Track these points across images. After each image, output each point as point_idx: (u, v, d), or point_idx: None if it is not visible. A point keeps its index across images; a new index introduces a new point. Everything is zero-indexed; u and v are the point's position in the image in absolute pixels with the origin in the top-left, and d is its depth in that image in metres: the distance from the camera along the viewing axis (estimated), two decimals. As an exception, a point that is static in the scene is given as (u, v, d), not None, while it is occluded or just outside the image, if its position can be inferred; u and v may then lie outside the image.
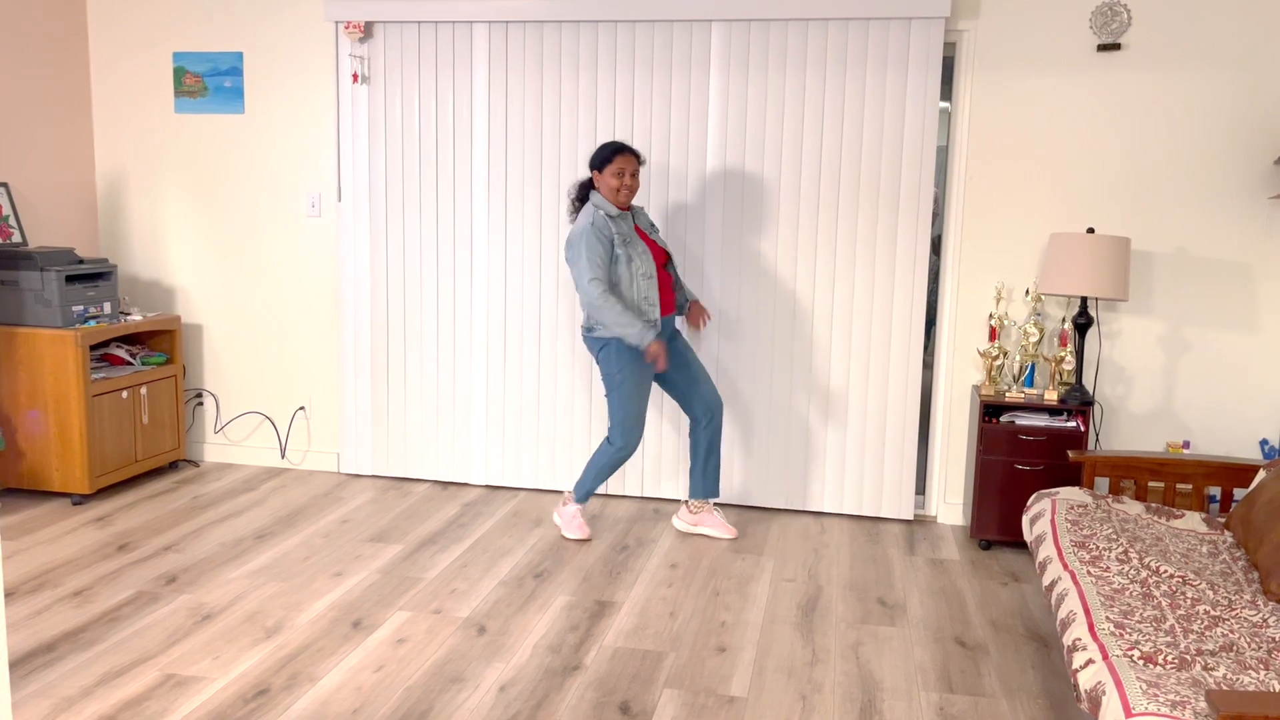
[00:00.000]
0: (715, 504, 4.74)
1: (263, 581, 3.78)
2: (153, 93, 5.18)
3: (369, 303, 5.03)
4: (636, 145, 4.67)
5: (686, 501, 4.42)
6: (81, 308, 4.67)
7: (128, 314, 5.01)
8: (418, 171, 4.90)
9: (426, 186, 4.90)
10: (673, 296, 4.20)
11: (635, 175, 4.05)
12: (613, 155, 4.02)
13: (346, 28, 4.79)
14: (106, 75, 5.22)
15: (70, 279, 4.61)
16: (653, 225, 4.26)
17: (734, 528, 4.40)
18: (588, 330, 4.15)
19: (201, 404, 5.37)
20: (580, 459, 4.92)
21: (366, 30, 4.82)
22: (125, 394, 4.78)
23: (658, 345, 3.99)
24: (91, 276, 4.75)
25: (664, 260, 4.17)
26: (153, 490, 4.87)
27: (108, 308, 4.82)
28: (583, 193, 4.15)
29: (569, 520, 4.31)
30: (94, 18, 5.19)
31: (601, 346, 4.11)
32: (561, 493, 4.97)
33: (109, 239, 5.35)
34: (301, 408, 5.25)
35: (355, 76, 4.87)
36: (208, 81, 5.10)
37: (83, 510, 4.56)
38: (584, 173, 4.73)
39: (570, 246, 4.03)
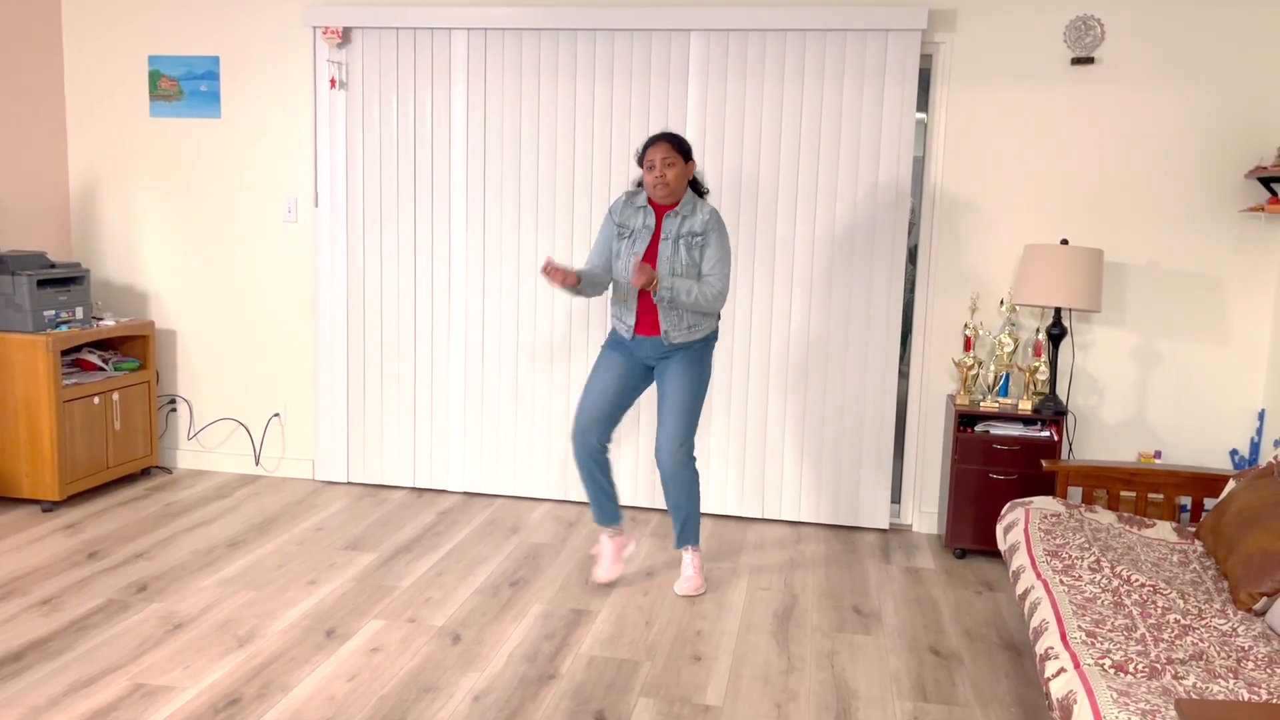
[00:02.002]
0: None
1: (235, 590, 3.75)
2: (128, 96, 5.14)
3: (345, 309, 5.01)
4: (614, 154, 4.67)
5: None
6: (53, 312, 4.62)
7: (100, 319, 4.96)
8: (395, 178, 4.88)
9: (404, 193, 4.89)
10: (654, 316, 3.77)
11: (670, 165, 3.65)
12: (646, 147, 3.72)
13: (324, 33, 4.78)
14: (81, 78, 5.17)
15: (42, 283, 4.56)
16: (694, 234, 3.71)
17: (694, 583, 3.86)
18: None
19: (175, 410, 5.32)
20: (557, 467, 4.91)
21: (345, 36, 4.81)
22: (97, 400, 4.73)
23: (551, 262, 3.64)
24: (63, 281, 4.70)
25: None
26: (124, 497, 4.82)
27: (80, 312, 4.78)
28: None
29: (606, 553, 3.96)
30: (69, 20, 5.15)
31: None
32: (538, 500, 4.95)
33: (82, 243, 5.30)
34: (276, 414, 5.21)
35: (333, 82, 4.85)
36: (183, 85, 5.07)
37: (52, 517, 4.50)
38: (563, 182, 4.73)
39: None
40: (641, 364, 3.87)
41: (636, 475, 4.86)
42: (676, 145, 3.68)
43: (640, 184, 3.81)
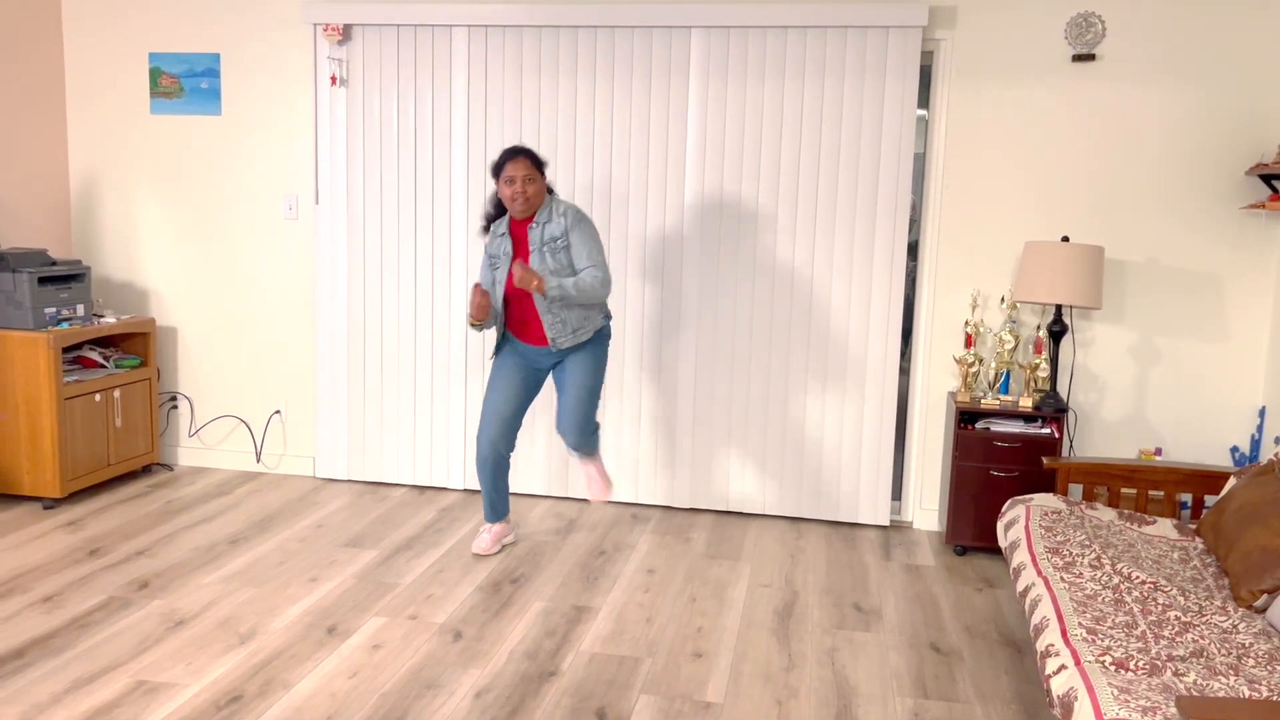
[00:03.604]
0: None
1: (236, 587, 3.75)
2: (128, 93, 5.14)
3: (346, 306, 5.01)
4: (615, 151, 4.67)
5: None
6: (54, 310, 4.62)
7: (101, 316, 4.96)
8: (396, 175, 4.88)
9: (405, 190, 4.89)
10: (538, 326, 3.87)
11: (529, 181, 3.74)
12: (503, 163, 3.77)
13: (325, 30, 4.77)
14: (81, 75, 5.17)
15: (43, 280, 4.57)
16: (554, 238, 3.80)
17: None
18: None
19: (176, 407, 5.32)
20: (557, 464, 4.92)
21: (345, 33, 4.80)
22: (98, 397, 4.74)
23: (475, 291, 3.78)
24: (64, 278, 4.70)
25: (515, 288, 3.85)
26: (125, 494, 4.83)
27: (80, 310, 4.78)
28: (496, 200, 4.02)
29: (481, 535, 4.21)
30: (69, 17, 5.14)
31: None
32: (539, 497, 4.96)
33: (82, 240, 5.30)
34: (277, 411, 5.22)
35: (334, 79, 4.85)
36: (184, 82, 5.07)
37: (54, 514, 4.51)
38: (563, 179, 4.73)
39: None
40: (535, 369, 4.04)
41: (619, 471, 4.86)
42: (534, 161, 3.79)
43: (497, 200, 3.95)
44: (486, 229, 3.99)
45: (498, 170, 3.81)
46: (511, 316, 3.95)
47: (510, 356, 4.02)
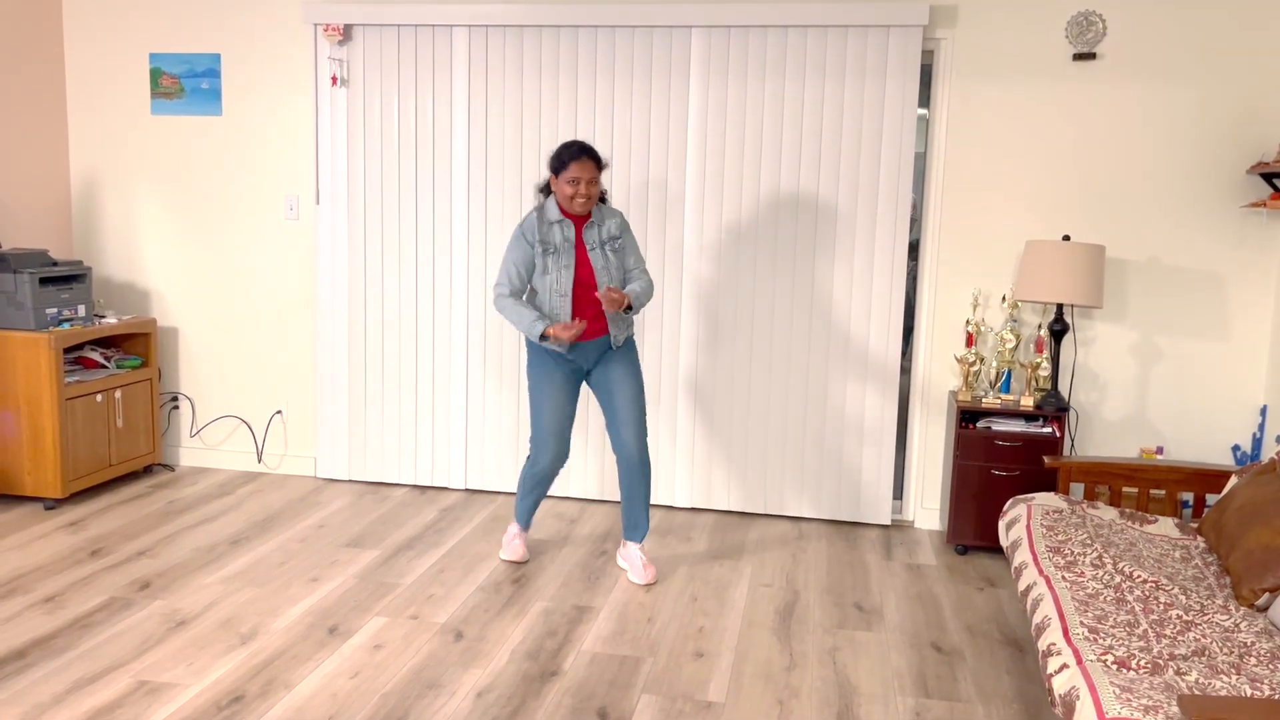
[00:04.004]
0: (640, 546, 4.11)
1: (238, 587, 3.76)
2: (129, 94, 5.14)
3: (347, 306, 5.01)
4: (616, 150, 4.67)
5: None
6: (55, 310, 4.62)
7: (102, 317, 4.97)
8: (397, 175, 4.88)
9: (405, 190, 4.89)
10: (601, 324, 3.85)
11: (593, 183, 3.72)
12: (569, 160, 3.70)
13: (325, 30, 4.78)
14: (82, 75, 5.17)
15: (44, 281, 4.57)
16: (614, 238, 3.85)
17: (652, 571, 3.92)
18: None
19: (177, 408, 5.33)
20: (559, 464, 4.91)
21: (345, 33, 4.80)
22: (99, 397, 4.74)
23: (555, 328, 3.68)
24: (65, 279, 4.70)
25: (584, 286, 3.81)
26: (127, 495, 4.83)
27: (82, 310, 4.78)
28: (545, 187, 3.89)
29: (506, 540, 4.13)
30: (69, 17, 5.15)
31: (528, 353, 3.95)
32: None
33: (83, 241, 5.30)
34: (278, 411, 5.22)
35: (334, 79, 4.85)
36: (185, 83, 5.07)
37: (55, 515, 4.51)
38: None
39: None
40: (579, 374, 3.94)
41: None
42: (598, 163, 3.75)
43: (545, 192, 3.87)
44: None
45: (560, 167, 3.72)
46: (576, 309, 3.84)
47: (558, 367, 3.87)
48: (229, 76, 5.02)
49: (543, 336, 3.73)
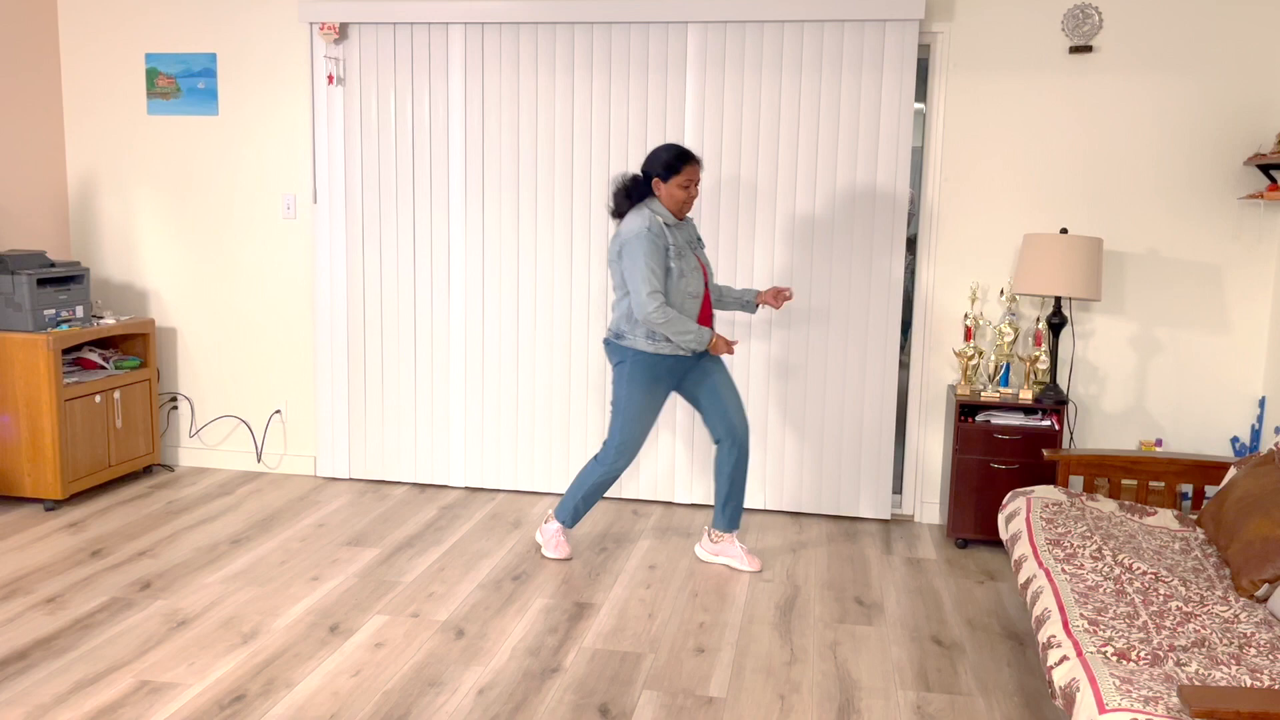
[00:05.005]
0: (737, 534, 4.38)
1: (238, 587, 3.76)
2: (125, 94, 5.13)
3: (345, 305, 5.01)
4: (612, 147, 4.67)
5: (709, 529, 4.14)
6: (53, 311, 4.62)
7: (100, 317, 4.96)
8: (394, 173, 4.88)
9: (403, 188, 4.88)
10: (710, 320, 3.94)
11: (698, 184, 3.82)
12: (681, 165, 3.71)
13: (321, 29, 4.77)
14: (78, 76, 5.17)
15: (41, 282, 4.56)
16: (699, 239, 3.97)
17: (758, 559, 4.07)
18: (616, 336, 3.88)
19: (176, 408, 5.33)
20: (559, 461, 4.92)
21: (341, 32, 4.80)
22: (98, 398, 4.74)
23: (718, 336, 3.79)
24: (63, 280, 4.70)
25: (707, 279, 3.90)
26: (126, 495, 4.83)
27: (80, 311, 4.78)
28: (632, 190, 3.82)
29: (550, 539, 4.12)
30: (64, 18, 5.14)
31: (619, 360, 3.87)
32: (540, 494, 4.96)
33: (81, 242, 5.30)
34: (278, 411, 5.22)
35: (330, 78, 4.85)
36: (181, 83, 5.06)
37: (55, 516, 4.51)
38: (561, 176, 4.73)
39: (627, 251, 3.71)
40: (680, 379, 3.97)
41: (638, 469, 4.86)
42: (701, 164, 3.83)
43: (629, 196, 3.83)
44: (618, 214, 3.88)
45: (672, 171, 3.73)
46: (703, 314, 3.88)
47: (668, 378, 3.88)
48: (225, 76, 5.02)
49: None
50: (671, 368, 3.87)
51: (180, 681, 3.04)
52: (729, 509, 4.06)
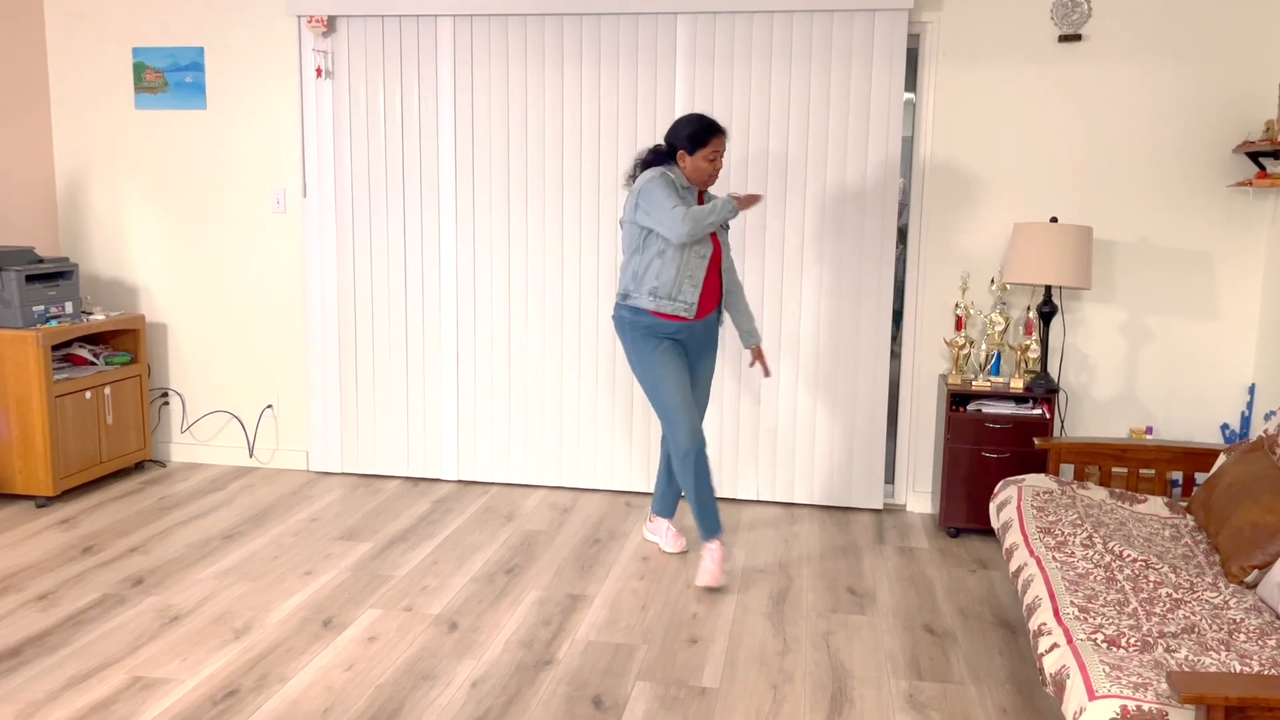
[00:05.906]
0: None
1: (231, 582, 3.75)
2: (112, 89, 5.11)
3: (336, 299, 5.00)
4: (602, 139, 4.66)
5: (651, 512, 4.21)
6: (42, 307, 4.60)
7: (90, 313, 4.95)
8: (384, 166, 4.87)
9: (393, 181, 4.87)
10: (717, 299, 3.82)
11: (723, 156, 3.80)
12: (709, 137, 3.64)
13: (309, 22, 4.75)
14: (64, 71, 5.14)
15: (30, 278, 4.55)
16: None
17: (683, 539, 4.12)
18: (622, 298, 3.77)
19: (167, 403, 5.31)
20: (551, 454, 4.91)
21: (329, 24, 4.78)
22: (89, 394, 4.72)
23: (741, 197, 3.64)
24: (52, 276, 4.68)
25: (718, 255, 3.79)
26: (118, 491, 4.82)
27: (69, 307, 4.76)
28: (652, 163, 3.77)
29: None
30: (51, 13, 5.11)
31: (621, 335, 3.80)
32: (533, 487, 4.96)
33: (69, 238, 5.27)
34: (269, 406, 5.21)
35: (319, 71, 4.83)
36: (168, 77, 5.04)
37: (47, 513, 4.50)
38: (551, 168, 4.72)
39: (643, 195, 3.62)
40: (681, 352, 3.81)
41: (613, 459, 4.87)
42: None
43: (653, 159, 3.77)
44: (633, 179, 3.80)
45: (699, 143, 3.65)
46: (708, 288, 3.78)
47: (672, 344, 3.76)
48: (213, 70, 5.00)
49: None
50: (672, 334, 3.75)
51: (173, 677, 3.03)
52: (665, 499, 4.15)
